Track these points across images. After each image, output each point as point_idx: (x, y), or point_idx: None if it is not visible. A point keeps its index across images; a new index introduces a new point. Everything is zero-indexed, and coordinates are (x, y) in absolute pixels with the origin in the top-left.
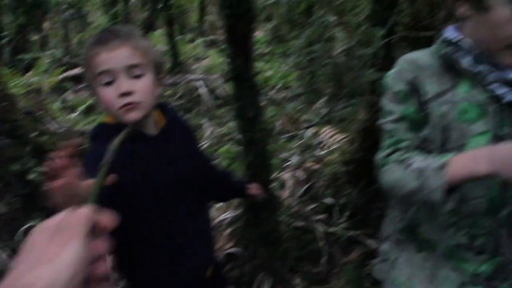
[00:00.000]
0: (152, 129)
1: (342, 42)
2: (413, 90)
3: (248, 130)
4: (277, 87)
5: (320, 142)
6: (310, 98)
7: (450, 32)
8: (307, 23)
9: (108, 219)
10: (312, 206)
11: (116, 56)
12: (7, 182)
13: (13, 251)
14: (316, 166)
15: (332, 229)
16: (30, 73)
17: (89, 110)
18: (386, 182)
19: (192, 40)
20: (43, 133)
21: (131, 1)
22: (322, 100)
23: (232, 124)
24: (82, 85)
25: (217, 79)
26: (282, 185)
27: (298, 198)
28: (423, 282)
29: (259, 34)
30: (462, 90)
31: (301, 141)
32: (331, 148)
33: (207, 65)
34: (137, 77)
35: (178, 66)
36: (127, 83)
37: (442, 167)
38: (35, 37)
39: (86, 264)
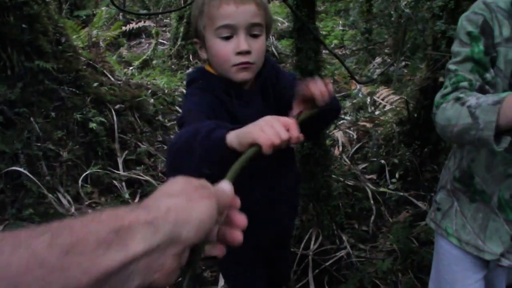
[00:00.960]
0: (247, 85)
1: None
2: (484, 32)
3: None
4: (331, 46)
5: (375, 102)
6: (366, 56)
7: None
8: None
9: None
10: (364, 165)
11: (243, 12)
12: (69, 130)
13: (74, 197)
14: (370, 126)
15: (382, 189)
16: (87, 28)
17: (144, 65)
18: (440, 120)
19: None
20: (103, 85)
21: None
22: (378, 59)
23: None
24: (135, 42)
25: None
26: (334, 143)
27: (350, 157)
28: (471, 233)
29: None
30: None
31: (354, 101)
32: (386, 109)
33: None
34: (255, 36)
35: None
36: (247, 41)
37: (497, 102)
38: None
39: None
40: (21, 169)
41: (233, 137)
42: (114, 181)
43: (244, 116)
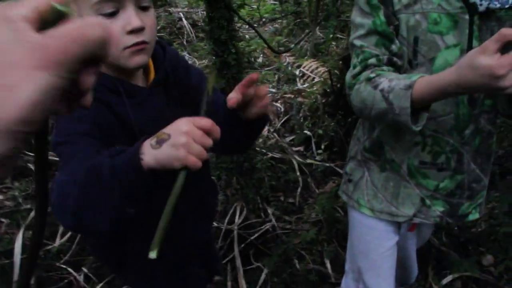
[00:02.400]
0: (140, 80)
1: None
2: (385, 2)
3: (221, 54)
4: (263, 20)
5: (303, 75)
6: (291, 29)
7: None
8: None
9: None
10: (291, 138)
11: None
12: None
13: None
14: (297, 99)
15: (309, 161)
16: None
17: None
18: (355, 103)
19: None
20: None
21: None
22: (307, 31)
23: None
24: None
25: (199, 12)
26: None
27: (277, 130)
28: (384, 201)
29: None
30: (435, 0)
31: (279, 73)
32: (315, 81)
33: None
34: (145, 9)
35: None
36: (138, 16)
37: (409, 87)
38: None
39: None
40: None
41: (152, 163)
42: (28, 164)
43: (138, 120)
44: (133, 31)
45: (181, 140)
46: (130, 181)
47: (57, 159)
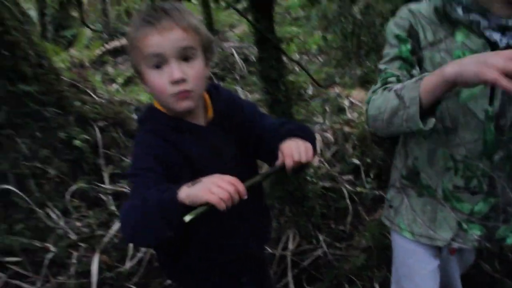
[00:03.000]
0: (201, 118)
1: None
2: (410, 35)
3: (272, 92)
4: (312, 51)
5: (352, 104)
6: (339, 61)
7: None
8: None
9: None
10: (340, 167)
11: (168, 40)
12: (54, 148)
13: (63, 212)
14: (346, 128)
15: (359, 189)
16: (73, 47)
17: (128, 82)
18: (370, 111)
19: (227, 7)
20: (85, 103)
21: None
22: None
23: None
24: (120, 58)
25: (251, 47)
26: None
27: (327, 159)
28: (423, 225)
29: None
30: (459, 39)
31: (327, 103)
32: (362, 111)
33: (242, 32)
34: (189, 59)
35: (213, 34)
36: (180, 68)
37: (419, 79)
38: (75, 13)
39: None
40: (10, 187)
41: (185, 198)
42: (101, 195)
43: (198, 154)
44: (176, 82)
45: (207, 184)
46: (168, 211)
47: None
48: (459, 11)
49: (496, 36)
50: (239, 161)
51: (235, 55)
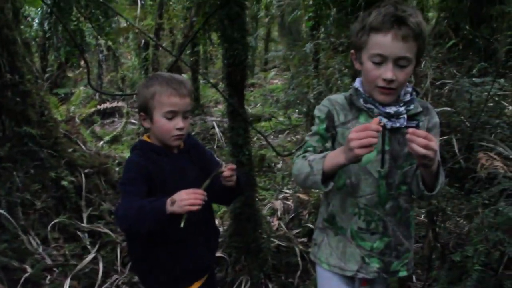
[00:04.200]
0: (175, 149)
1: (318, 88)
2: (328, 117)
3: (236, 155)
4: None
5: None
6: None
7: (357, 82)
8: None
9: None
10: (297, 230)
11: (183, 103)
12: (44, 185)
13: (43, 240)
14: (304, 196)
15: (310, 250)
16: (65, 105)
17: (113, 140)
18: (294, 171)
19: (216, 84)
20: (76, 151)
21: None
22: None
23: None
24: (109, 120)
25: None
26: (274, 212)
27: (286, 224)
28: (336, 258)
29: (278, 82)
30: (362, 120)
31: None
32: None
33: (224, 108)
34: (186, 118)
35: (198, 108)
36: (183, 122)
37: (323, 157)
38: (71, 74)
39: None
40: (2, 211)
41: (170, 211)
42: (78, 231)
43: (171, 169)
44: (179, 129)
45: (180, 201)
46: (159, 216)
47: None
48: (361, 101)
49: (384, 120)
50: (199, 181)
51: (216, 127)
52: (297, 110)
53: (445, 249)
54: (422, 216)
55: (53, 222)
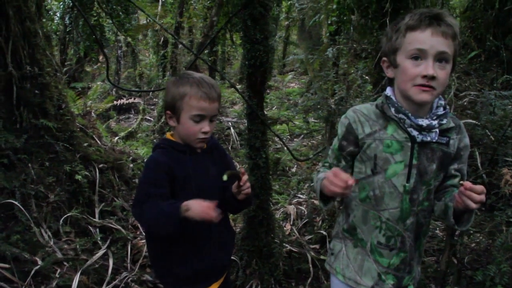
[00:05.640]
0: (199, 148)
1: (340, 93)
2: (347, 132)
3: (253, 157)
4: (302, 136)
5: None
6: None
7: (388, 90)
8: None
9: None
10: (310, 236)
11: (212, 107)
12: (58, 178)
13: (54, 234)
14: (317, 202)
15: (322, 257)
16: (82, 99)
17: (129, 136)
18: (313, 183)
19: (231, 86)
20: (91, 146)
21: (179, 45)
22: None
23: None
24: (124, 116)
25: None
26: (287, 217)
27: (298, 229)
28: (352, 271)
29: (295, 86)
30: (390, 131)
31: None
32: None
33: (240, 109)
34: (212, 121)
35: None
36: (209, 125)
37: (322, 179)
38: (89, 69)
39: None
40: (16, 203)
41: (185, 215)
42: (90, 226)
43: (194, 167)
44: (205, 133)
45: (197, 207)
46: (176, 219)
47: None
48: (392, 110)
49: (414, 133)
50: (218, 180)
51: (231, 128)
52: (315, 115)
53: (462, 264)
54: (438, 229)
55: (65, 216)
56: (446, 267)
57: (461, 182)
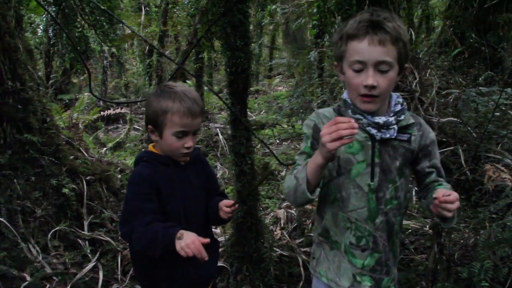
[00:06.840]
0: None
1: (322, 96)
2: (314, 132)
3: (239, 164)
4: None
5: None
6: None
7: (345, 94)
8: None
9: None
10: (301, 240)
11: (195, 123)
12: (45, 192)
13: (43, 249)
14: (308, 206)
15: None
16: (69, 110)
17: (116, 147)
18: (284, 192)
19: (220, 92)
20: (78, 158)
21: (165, 53)
22: None
23: None
24: (113, 126)
25: None
26: (277, 221)
27: (289, 233)
28: (333, 272)
29: (283, 89)
30: None
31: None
32: None
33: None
34: (195, 135)
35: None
36: (191, 140)
37: (305, 165)
38: (75, 80)
39: None
40: (1, 219)
41: (177, 241)
42: (79, 239)
43: (179, 178)
44: (187, 148)
45: (188, 241)
46: (169, 245)
47: None
48: (349, 112)
49: (373, 131)
50: (202, 191)
51: (219, 134)
52: (299, 118)
53: (450, 261)
54: (427, 226)
55: (53, 230)
56: (436, 264)
57: (434, 196)
